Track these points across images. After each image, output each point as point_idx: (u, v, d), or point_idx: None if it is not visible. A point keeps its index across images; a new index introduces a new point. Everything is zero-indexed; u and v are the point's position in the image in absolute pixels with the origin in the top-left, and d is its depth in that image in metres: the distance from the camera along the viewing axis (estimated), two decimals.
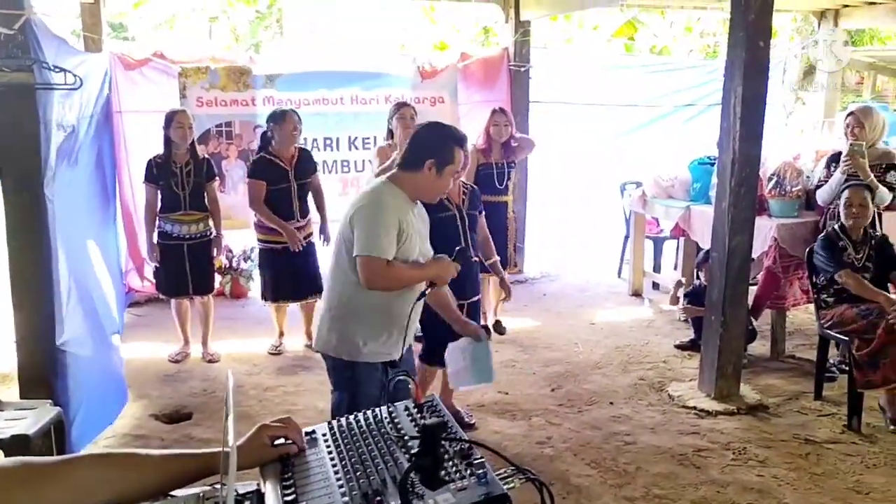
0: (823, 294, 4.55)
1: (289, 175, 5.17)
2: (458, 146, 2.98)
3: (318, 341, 3.12)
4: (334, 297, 3.03)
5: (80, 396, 3.66)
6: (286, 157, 5.18)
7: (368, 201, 2.88)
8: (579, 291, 7.19)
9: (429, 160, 2.89)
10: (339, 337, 2.99)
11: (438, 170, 2.91)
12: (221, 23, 13.96)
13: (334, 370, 3.11)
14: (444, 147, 2.93)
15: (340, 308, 3.00)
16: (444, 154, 2.92)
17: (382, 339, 2.99)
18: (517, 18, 7.17)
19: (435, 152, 2.91)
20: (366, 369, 2.99)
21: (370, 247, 2.81)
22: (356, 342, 2.97)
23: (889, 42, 13.87)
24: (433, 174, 2.91)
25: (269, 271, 5.41)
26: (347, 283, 2.94)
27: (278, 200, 5.18)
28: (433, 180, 2.94)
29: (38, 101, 3.26)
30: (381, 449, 1.56)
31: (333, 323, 3.03)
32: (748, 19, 4.21)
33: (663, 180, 6.37)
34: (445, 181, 2.98)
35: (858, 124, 4.93)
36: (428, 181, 2.94)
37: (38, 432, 2.92)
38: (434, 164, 2.90)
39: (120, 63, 6.25)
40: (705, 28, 13.60)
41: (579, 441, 4.15)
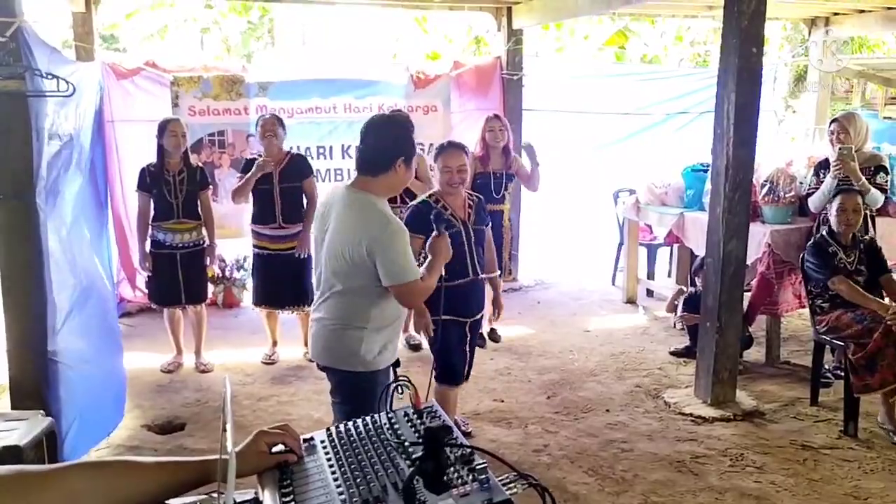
0: (818, 300, 4.55)
1: (272, 177, 5.15)
2: (413, 132, 2.98)
3: (323, 356, 3.04)
4: (338, 312, 2.94)
5: (75, 408, 3.62)
6: (274, 161, 5.17)
7: (380, 230, 2.80)
8: (573, 299, 7.18)
9: (399, 158, 2.88)
10: (356, 350, 2.92)
11: (408, 165, 2.93)
12: (213, 33, 13.96)
13: (346, 383, 3.02)
14: (408, 141, 2.94)
15: (350, 321, 2.92)
16: (409, 148, 2.92)
17: (394, 340, 3.05)
18: (509, 27, 7.19)
19: (402, 149, 2.90)
20: (381, 375, 2.98)
21: (405, 274, 2.82)
22: (374, 352, 2.94)
23: (878, 50, 13.99)
24: (403, 170, 2.92)
25: (258, 276, 5.42)
26: (359, 297, 2.89)
27: (260, 201, 5.22)
28: (404, 175, 2.95)
29: (29, 109, 3.23)
30: (381, 455, 1.54)
31: (345, 336, 2.94)
32: (741, 26, 4.23)
33: (657, 187, 6.38)
34: (411, 173, 3.00)
35: (843, 130, 4.97)
36: (400, 178, 2.94)
37: (29, 443, 2.88)
38: (403, 161, 2.90)
39: (112, 72, 6.23)
40: (695, 37, 13.69)
41: (576, 449, 4.13)
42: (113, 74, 6.23)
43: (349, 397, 3.03)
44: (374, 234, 2.79)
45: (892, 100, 14.42)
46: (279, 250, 5.24)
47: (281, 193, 5.18)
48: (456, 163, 3.85)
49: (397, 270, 2.81)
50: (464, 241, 3.82)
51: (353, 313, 2.93)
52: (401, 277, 2.81)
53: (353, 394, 3.01)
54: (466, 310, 3.90)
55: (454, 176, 3.84)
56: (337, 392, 3.10)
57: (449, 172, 3.84)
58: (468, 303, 3.91)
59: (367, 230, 2.80)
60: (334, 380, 3.08)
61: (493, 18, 7.37)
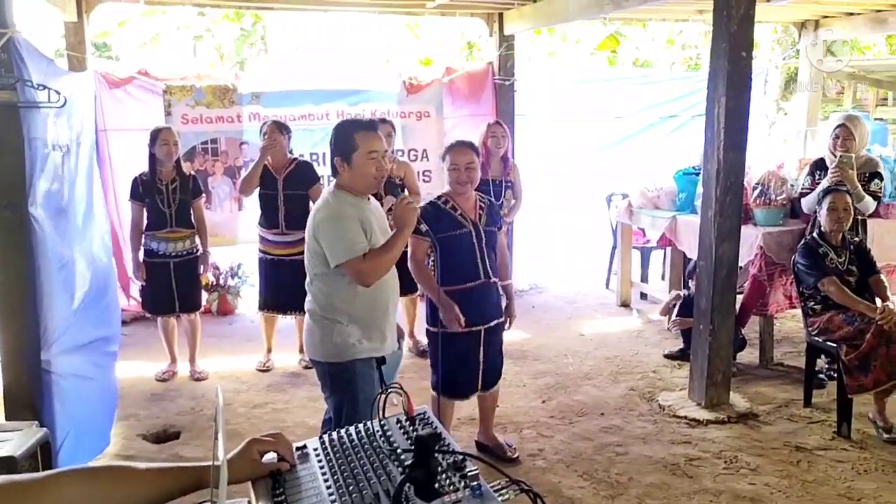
0: (810, 302, 4.57)
1: (277, 183, 5.18)
2: (357, 130, 3.04)
3: (309, 349, 3.19)
4: (317, 302, 3.12)
5: (71, 419, 3.61)
6: (278, 166, 5.22)
7: (325, 214, 3.02)
8: (568, 303, 7.20)
9: (336, 158, 3.04)
10: (330, 339, 3.05)
11: (348, 161, 3.01)
12: (206, 41, 13.96)
13: (329, 376, 3.12)
14: (342, 140, 3.03)
15: (326, 311, 3.08)
16: (343, 146, 3.01)
17: (372, 332, 3.09)
18: (501, 32, 7.21)
19: (336, 150, 3.04)
20: (361, 366, 3.06)
21: (344, 251, 2.96)
22: (349, 341, 3.04)
23: (868, 52, 14.07)
24: (346, 169, 3.02)
25: (262, 280, 5.44)
26: (326, 286, 3.07)
27: (265, 205, 5.27)
28: (351, 174, 3.03)
29: (21, 120, 3.23)
30: (374, 463, 1.55)
31: (322, 327, 3.09)
32: (730, 30, 4.25)
33: (649, 191, 6.40)
34: (365, 167, 3.01)
35: (849, 136, 4.92)
36: (348, 177, 3.04)
37: (24, 454, 2.87)
38: (341, 160, 3.02)
39: (104, 81, 6.23)
40: (687, 40, 13.74)
41: (571, 453, 4.14)
42: (105, 83, 6.24)
43: (332, 388, 3.14)
44: (317, 220, 3.03)
45: (882, 101, 14.51)
46: (282, 256, 5.24)
47: (285, 200, 5.20)
48: (464, 160, 3.75)
49: (337, 248, 2.96)
50: (474, 243, 3.76)
51: (321, 304, 3.10)
52: (341, 255, 2.95)
53: (334, 386, 3.12)
54: (478, 315, 3.78)
55: (462, 174, 3.75)
56: (323, 385, 3.21)
57: (457, 170, 3.76)
58: (480, 308, 3.79)
59: (314, 218, 3.05)
60: (318, 372, 3.19)
61: (485, 24, 7.39)
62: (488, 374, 3.95)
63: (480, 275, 3.78)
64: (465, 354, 3.82)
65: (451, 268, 3.63)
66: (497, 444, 4.13)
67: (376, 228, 3.07)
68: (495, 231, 3.92)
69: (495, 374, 4.03)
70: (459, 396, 3.95)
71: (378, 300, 3.11)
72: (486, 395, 4.04)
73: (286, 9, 7.37)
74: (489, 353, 3.91)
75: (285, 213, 5.21)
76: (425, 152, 7.03)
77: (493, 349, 3.95)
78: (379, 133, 3.12)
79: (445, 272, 3.55)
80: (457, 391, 3.91)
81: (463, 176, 3.75)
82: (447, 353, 3.70)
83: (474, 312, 3.75)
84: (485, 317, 3.84)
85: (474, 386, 3.93)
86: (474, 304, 3.75)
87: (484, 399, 4.08)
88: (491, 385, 4.01)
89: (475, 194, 3.88)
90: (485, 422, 4.17)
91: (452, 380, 3.83)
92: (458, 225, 3.75)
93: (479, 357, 3.86)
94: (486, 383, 3.96)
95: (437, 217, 3.70)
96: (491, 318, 3.89)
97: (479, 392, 3.97)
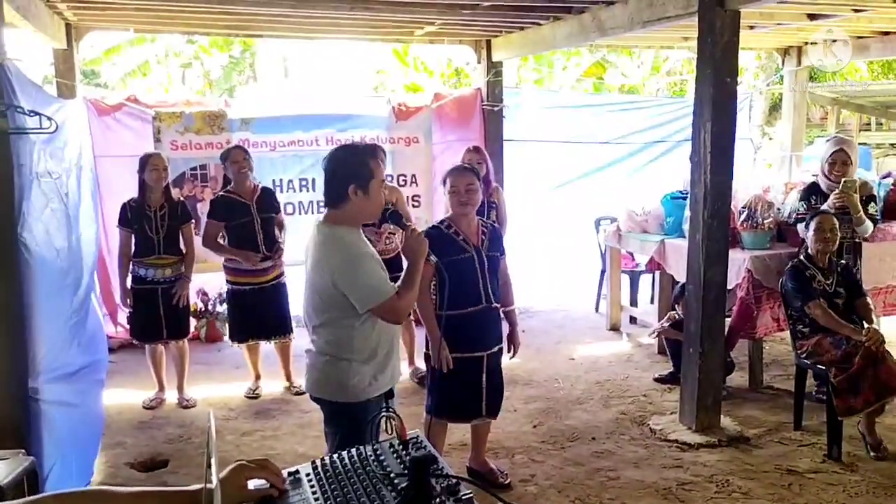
0: (798, 325, 4.59)
1: (250, 209, 5.17)
2: (370, 157, 2.92)
3: (318, 389, 3.04)
4: (330, 346, 2.96)
5: (58, 447, 3.56)
6: (246, 193, 5.20)
7: (342, 257, 2.84)
8: (558, 327, 7.20)
9: (351, 186, 2.84)
10: (347, 381, 2.92)
11: (364, 190, 2.86)
12: (195, 68, 14.02)
13: (339, 414, 3.00)
14: (358, 165, 2.88)
15: (342, 352, 2.92)
16: (362, 173, 2.86)
17: (385, 368, 2.99)
18: (489, 59, 7.29)
19: (352, 176, 2.86)
20: (373, 404, 2.90)
21: (376, 294, 2.82)
22: (365, 381, 2.93)
23: (850, 77, 14.29)
24: (361, 197, 2.86)
25: (236, 311, 5.40)
26: (342, 329, 2.90)
27: (242, 235, 5.19)
28: (365, 203, 2.88)
29: (11, 146, 3.23)
30: (367, 487, 1.55)
31: (337, 369, 2.94)
32: (715, 56, 4.31)
33: (637, 215, 6.44)
34: (377, 197, 2.91)
35: (848, 160, 4.92)
36: (360, 206, 2.88)
37: (10, 483, 2.83)
38: (357, 187, 2.85)
39: (94, 108, 6.24)
40: (672, 67, 13.93)
41: (563, 478, 4.12)
42: (94, 110, 6.25)
43: (342, 427, 3.02)
44: (335, 264, 2.82)
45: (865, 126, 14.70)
46: (263, 283, 5.24)
47: (262, 224, 5.20)
48: (464, 182, 3.73)
49: (367, 293, 2.81)
50: (476, 269, 3.73)
51: (338, 346, 2.93)
52: (373, 299, 2.81)
53: (346, 424, 3.01)
54: (480, 341, 3.73)
55: (462, 195, 3.72)
56: (330, 422, 3.09)
57: (456, 193, 3.73)
58: (482, 333, 3.74)
59: (330, 262, 2.84)
60: (327, 410, 3.08)
61: (473, 51, 7.47)
62: (492, 399, 3.91)
63: (482, 300, 3.74)
64: (467, 379, 3.76)
65: (453, 293, 3.58)
66: (489, 470, 4.10)
67: (378, 258, 2.99)
68: (498, 256, 3.88)
69: (499, 400, 3.99)
70: (462, 419, 3.92)
71: (391, 335, 3.04)
72: (484, 422, 4.01)
73: (275, 36, 7.43)
74: (492, 379, 3.87)
75: (263, 237, 5.20)
76: (414, 177, 7.05)
77: (496, 376, 3.92)
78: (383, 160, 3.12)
79: (448, 297, 3.55)
80: (460, 414, 3.87)
81: (463, 198, 3.73)
82: (449, 377, 3.69)
83: (476, 337, 3.71)
84: (487, 342, 3.80)
85: (479, 410, 3.87)
86: (476, 329, 3.71)
87: (478, 426, 4.06)
88: (496, 411, 3.98)
89: (477, 219, 3.87)
90: (477, 447, 4.15)
91: (454, 403, 3.80)
92: (461, 249, 3.72)
93: (482, 382, 3.82)
94: (490, 409, 3.92)
95: (440, 241, 3.68)
96: (493, 343, 3.86)
97: (483, 417, 3.93)
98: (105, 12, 5.72)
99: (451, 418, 3.89)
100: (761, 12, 5.74)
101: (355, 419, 2.93)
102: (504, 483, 4.04)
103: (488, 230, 3.88)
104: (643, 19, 4.97)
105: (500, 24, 6.50)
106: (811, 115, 14.30)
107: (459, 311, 3.66)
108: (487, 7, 5.54)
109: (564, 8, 5.68)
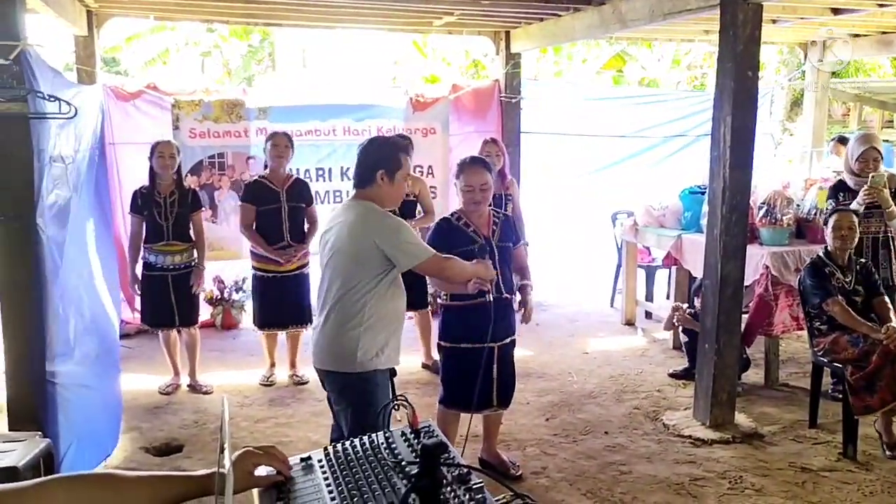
0: (816, 322, 4.55)
1: (280, 196, 5.19)
2: (403, 152, 3.22)
3: (326, 360, 3.15)
4: (344, 313, 3.07)
5: (74, 429, 3.61)
6: (278, 180, 5.23)
7: (384, 219, 3.10)
8: (572, 321, 7.18)
9: (379, 171, 3.10)
10: (354, 350, 3.04)
11: (390, 177, 3.12)
12: (214, 57, 14.07)
13: (348, 387, 3.10)
14: (390, 156, 3.15)
15: (354, 321, 3.05)
16: (391, 162, 3.12)
17: (391, 342, 3.14)
18: (508, 51, 7.26)
19: (382, 162, 3.11)
20: (381, 376, 3.11)
21: (421, 252, 3.11)
22: (372, 351, 3.05)
23: (873, 73, 14.11)
24: (386, 182, 3.11)
25: (260, 298, 5.42)
26: (362, 295, 3.04)
27: (268, 221, 5.22)
28: (388, 189, 3.14)
29: (31, 131, 3.25)
30: (379, 475, 1.55)
31: (347, 338, 3.05)
32: (736, 50, 4.27)
33: (654, 209, 6.40)
34: (399, 187, 3.19)
35: (878, 156, 4.87)
36: (384, 191, 3.13)
37: (27, 465, 2.87)
38: (385, 174, 3.10)
39: (113, 95, 6.28)
40: (693, 60, 13.81)
41: (574, 471, 4.12)
42: (114, 97, 6.29)
43: (350, 400, 3.11)
44: (379, 228, 3.05)
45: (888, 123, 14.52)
46: (286, 272, 5.26)
47: (289, 212, 5.22)
48: (479, 181, 3.71)
49: (413, 250, 3.07)
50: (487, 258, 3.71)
51: (349, 313, 3.06)
52: (420, 255, 3.08)
53: (354, 398, 3.09)
54: (490, 332, 3.60)
55: (477, 194, 3.72)
56: (339, 398, 3.17)
57: (472, 191, 3.72)
58: (494, 323, 3.63)
59: (373, 228, 3.05)
60: (335, 385, 3.16)
61: (492, 42, 7.44)
62: (503, 390, 3.88)
63: (493, 290, 3.68)
64: (478, 369, 3.68)
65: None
66: (500, 462, 4.10)
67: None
68: (510, 246, 3.85)
69: (510, 391, 3.98)
70: (471, 408, 3.80)
71: (400, 311, 3.21)
72: (496, 412, 4.01)
73: (295, 25, 7.43)
74: (503, 371, 3.85)
75: (290, 225, 5.22)
76: (431, 168, 7.06)
77: (508, 367, 3.91)
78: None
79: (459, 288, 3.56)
80: (468, 403, 3.77)
81: (478, 196, 3.73)
82: (459, 365, 3.73)
83: (485, 328, 3.64)
84: (498, 333, 3.72)
85: (489, 401, 3.83)
86: (485, 320, 3.63)
87: (489, 417, 4.06)
88: (506, 402, 3.96)
89: (489, 209, 3.86)
90: (489, 439, 4.14)
91: (464, 393, 3.74)
92: (471, 241, 3.70)
93: (492, 373, 3.78)
94: (501, 400, 3.90)
95: (450, 233, 3.72)
96: (505, 335, 3.83)
97: (494, 408, 3.90)
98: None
99: (462, 408, 3.87)
100: (784, 6, 5.68)
101: (363, 391, 3.04)
102: (516, 475, 4.03)
103: (500, 220, 3.86)
104: (664, 11, 4.92)
105: (520, 14, 6.46)
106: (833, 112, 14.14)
107: (471, 302, 3.63)
108: None
109: None
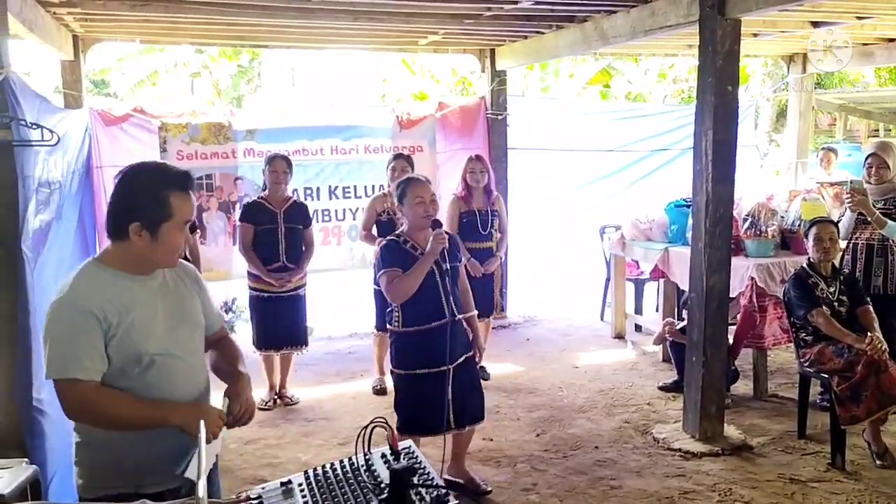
0: (801, 333, 4.58)
1: (277, 217, 5.22)
2: (175, 189, 2.17)
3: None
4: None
5: (60, 456, 3.59)
6: (276, 201, 5.26)
7: (52, 306, 2.17)
8: (562, 335, 7.19)
9: (132, 225, 2.13)
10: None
11: (152, 232, 2.13)
12: (203, 78, 14.14)
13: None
14: (150, 199, 2.14)
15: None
16: (152, 209, 2.13)
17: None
18: (493, 68, 7.32)
19: (137, 212, 2.13)
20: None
21: (55, 368, 2.11)
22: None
23: (857, 84, 14.26)
24: (146, 239, 2.14)
25: (256, 318, 5.42)
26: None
27: (264, 242, 5.23)
28: (151, 246, 2.15)
29: (15, 158, 3.27)
30: (357, 496, 1.56)
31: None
32: (716, 65, 4.32)
33: (641, 223, 6.44)
34: (173, 239, 2.19)
35: (883, 164, 4.89)
36: (145, 249, 2.16)
37: (13, 493, 2.85)
38: (141, 227, 2.13)
39: (100, 119, 6.30)
40: (678, 74, 13.94)
41: (565, 487, 4.12)
42: (101, 121, 6.30)
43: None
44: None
45: (874, 132, 14.65)
46: (282, 292, 5.27)
47: (286, 233, 5.24)
48: (428, 193, 3.70)
49: (48, 363, 2.13)
50: (437, 282, 3.63)
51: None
52: (49, 371, 2.12)
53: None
54: (444, 356, 3.59)
55: (428, 206, 3.67)
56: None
57: (422, 203, 3.66)
58: (447, 347, 3.59)
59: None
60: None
61: (477, 60, 7.51)
62: (461, 411, 3.80)
63: (446, 313, 3.64)
64: (431, 394, 3.66)
65: (415, 308, 3.58)
66: (469, 479, 4.03)
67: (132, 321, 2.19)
68: (458, 266, 3.79)
69: (472, 410, 3.88)
70: (424, 433, 3.75)
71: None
72: (463, 433, 3.92)
73: (281, 47, 7.48)
74: (460, 391, 3.77)
75: (286, 246, 5.24)
76: None
77: (465, 386, 3.81)
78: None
79: (409, 313, 3.55)
80: (421, 429, 3.74)
81: (430, 208, 3.67)
82: (411, 392, 3.71)
83: (440, 352, 3.59)
84: (451, 355, 3.66)
85: (443, 424, 3.69)
86: (440, 344, 3.59)
87: (459, 435, 3.95)
88: (466, 422, 3.86)
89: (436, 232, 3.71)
90: (457, 458, 4.04)
91: (416, 417, 3.71)
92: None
93: (447, 396, 3.69)
94: (459, 421, 3.80)
95: (399, 255, 3.63)
96: (458, 355, 3.75)
97: (453, 430, 3.81)
98: (111, 24, 5.77)
99: (420, 434, 3.74)
100: (764, 20, 5.75)
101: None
102: (486, 491, 4.00)
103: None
104: (644, 28, 4.98)
105: (503, 33, 6.53)
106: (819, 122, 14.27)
107: (422, 327, 3.60)
108: (490, 17, 5.56)
109: (567, 17, 5.71)
